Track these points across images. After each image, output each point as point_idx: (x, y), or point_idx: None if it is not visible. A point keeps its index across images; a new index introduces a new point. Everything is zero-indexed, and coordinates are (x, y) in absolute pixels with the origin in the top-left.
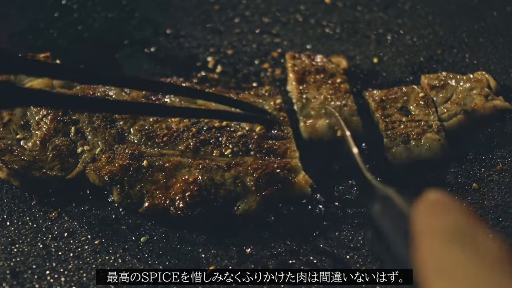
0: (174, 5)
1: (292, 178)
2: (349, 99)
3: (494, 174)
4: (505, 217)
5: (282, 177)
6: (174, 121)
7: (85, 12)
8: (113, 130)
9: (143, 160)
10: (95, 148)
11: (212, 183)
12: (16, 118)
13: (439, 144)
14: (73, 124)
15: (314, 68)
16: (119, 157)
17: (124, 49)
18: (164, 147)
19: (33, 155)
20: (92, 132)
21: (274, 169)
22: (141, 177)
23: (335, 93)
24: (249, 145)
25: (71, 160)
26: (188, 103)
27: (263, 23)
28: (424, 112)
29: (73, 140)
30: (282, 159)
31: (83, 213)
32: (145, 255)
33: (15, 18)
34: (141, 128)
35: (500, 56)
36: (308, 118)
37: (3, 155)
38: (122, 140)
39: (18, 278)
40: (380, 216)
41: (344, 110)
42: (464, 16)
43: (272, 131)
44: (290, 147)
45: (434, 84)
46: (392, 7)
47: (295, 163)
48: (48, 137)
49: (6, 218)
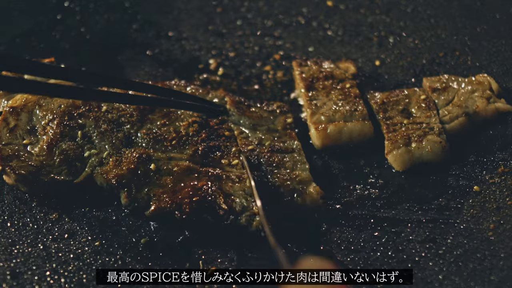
0: (176, 7)
1: (303, 190)
2: (359, 104)
3: (495, 176)
4: (506, 220)
5: (292, 189)
6: (183, 125)
7: (87, 15)
8: (120, 134)
9: (151, 164)
10: (102, 152)
11: (221, 192)
12: (22, 123)
13: (441, 146)
14: (79, 129)
15: (322, 74)
16: (127, 160)
17: (126, 51)
18: (172, 151)
19: (40, 160)
20: (99, 136)
21: (284, 181)
22: (149, 180)
23: (345, 98)
24: (260, 158)
25: (78, 164)
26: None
27: (265, 26)
28: (426, 114)
29: (80, 144)
30: (292, 172)
31: (84, 214)
32: (145, 256)
33: (17, 20)
34: (148, 132)
35: (502, 58)
36: (319, 124)
37: (10, 161)
38: (129, 144)
39: (18, 279)
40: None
41: (355, 115)
42: (466, 19)
43: (281, 144)
44: (300, 160)
45: (436, 86)
46: (394, 9)
47: (305, 175)
48: (55, 141)
49: (6, 220)
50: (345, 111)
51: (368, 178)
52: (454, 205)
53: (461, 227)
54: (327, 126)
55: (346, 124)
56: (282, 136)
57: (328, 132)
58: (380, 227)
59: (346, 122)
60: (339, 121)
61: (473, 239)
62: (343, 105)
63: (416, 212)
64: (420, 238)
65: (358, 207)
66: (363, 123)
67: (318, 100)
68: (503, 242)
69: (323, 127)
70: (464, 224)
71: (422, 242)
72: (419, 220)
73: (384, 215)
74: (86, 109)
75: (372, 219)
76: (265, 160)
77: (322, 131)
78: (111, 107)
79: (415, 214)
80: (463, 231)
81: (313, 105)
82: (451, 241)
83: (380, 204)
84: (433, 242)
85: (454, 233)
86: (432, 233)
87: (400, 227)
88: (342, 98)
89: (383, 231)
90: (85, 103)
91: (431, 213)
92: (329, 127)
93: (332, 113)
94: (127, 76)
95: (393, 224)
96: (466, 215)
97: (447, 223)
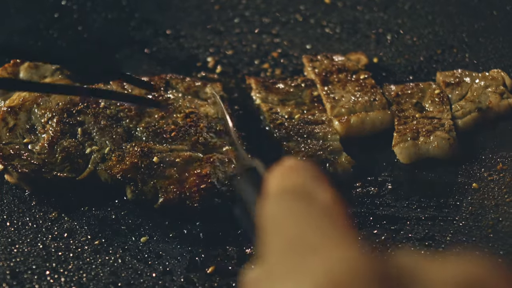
0: (174, 5)
1: (334, 159)
2: (377, 93)
3: (494, 174)
4: (505, 217)
5: (324, 159)
6: (180, 117)
7: (85, 13)
8: (119, 129)
9: (153, 157)
10: (103, 148)
11: (225, 175)
12: (21, 122)
13: (448, 143)
14: (79, 125)
15: (335, 68)
16: (129, 155)
17: (124, 50)
18: (173, 143)
19: (42, 158)
20: (99, 132)
21: (316, 151)
22: (153, 173)
23: (362, 89)
24: (290, 131)
25: (80, 161)
26: None
27: (263, 23)
28: (439, 109)
29: (80, 141)
30: (323, 142)
31: (83, 213)
32: (145, 255)
33: (14, 18)
34: (147, 125)
35: (500, 55)
36: (341, 116)
37: (12, 160)
38: (129, 138)
39: (18, 279)
40: (244, 188)
41: (375, 105)
42: (464, 16)
43: (311, 116)
44: (331, 131)
45: (449, 81)
46: (392, 7)
47: (337, 145)
48: (56, 139)
49: (6, 219)
50: (364, 102)
51: (366, 176)
52: (452, 202)
53: (460, 224)
54: (350, 117)
55: (368, 114)
56: (311, 108)
57: (351, 123)
58: (379, 224)
59: (368, 112)
60: (360, 112)
61: (472, 236)
62: (361, 96)
63: (415, 209)
64: (419, 236)
65: (357, 205)
66: (384, 112)
67: (336, 93)
68: (502, 239)
69: (346, 119)
70: (463, 221)
71: (421, 240)
72: (418, 218)
73: (383, 213)
74: (84, 106)
75: (371, 217)
76: (295, 132)
77: (346, 123)
78: (109, 103)
79: (414, 211)
80: (462, 229)
81: (331, 98)
82: (450, 239)
83: (379, 202)
84: (432, 239)
85: (453, 230)
86: (431, 230)
87: (399, 224)
88: (359, 89)
89: (382, 228)
90: (83, 99)
91: (430, 210)
92: (352, 119)
93: (352, 104)
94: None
95: (392, 222)
96: (465, 213)
97: (446, 220)
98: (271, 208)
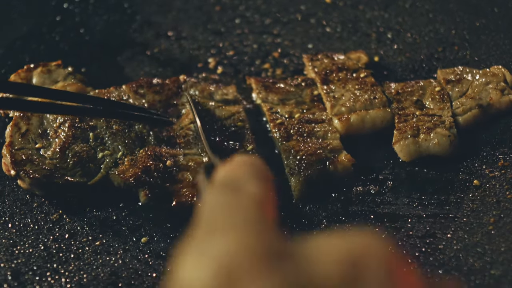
0: (175, 7)
1: (335, 158)
2: (377, 91)
3: (495, 170)
4: (507, 214)
5: (324, 157)
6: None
7: (86, 16)
8: (132, 134)
9: (167, 161)
10: (116, 153)
11: None
12: (34, 127)
13: (449, 140)
14: (91, 130)
15: (335, 66)
16: (142, 159)
17: (125, 52)
18: (186, 147)
19: (54, 163)
20: (111, 137)
21: (316, 150)
22: (167, 176)
23: (362, 87)
24: (291, 130)
25: (92, 166)
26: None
27: (263, 24)
28: (439, 107)
29: (92, 146)
30: (323, 141)
31: (84, 214)
32: (145, 255)
33: (16, 22)
34: (160, 130)
35: (501, 52)
36: (341, 115)
37: (24, 165)
38: (142, 143)
39: (19, 279)
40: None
41: (375, 103)
42: (465, 13)
43: (311, 115)
44: (331, 129)
45: (450, 78)
46: (393, 5)
47: (337, 144)
48: (67, 144)
49: (8, 220)
50: (365, 100)
51: (367, 174)
52: (454, 199)
53: (461, 221)
54: (350, 116)
55: (368, 112)
56: (311, 107)
57: (351, 121)
58: (380, 222)
59: (368, 110)
60: (360, 110)
61: (473, 233)
62: (361, 94)
63: (416, 207)
64: (420, 233)
65: (357, 203)
66: (385, 110)
67: (336, 92)
68: (503, 236)
69: (346, 118)
70: (465, 218)
71: (422, 237)
72: (419, 215)
73: (384, 211)
74: None
75: (372, 215)
76: (295, 131)
77: (346, 121)
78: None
79: (415, 209)
80: (463, 226)
81: (331, 97)
82: (451, 236)
83: (380, 200)
84: (433, 237)
85: (454, 227)
86: (432, 228)
87: (400, 222)
88: (359, 87)
89: (383, 226)
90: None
91: (431, 208)
92: (352, 117)
93: (352, 103)
94: (128, 76)
95: (393, 220)
96: (466, 210)
97: (447, 217)
98: (207, 197)
